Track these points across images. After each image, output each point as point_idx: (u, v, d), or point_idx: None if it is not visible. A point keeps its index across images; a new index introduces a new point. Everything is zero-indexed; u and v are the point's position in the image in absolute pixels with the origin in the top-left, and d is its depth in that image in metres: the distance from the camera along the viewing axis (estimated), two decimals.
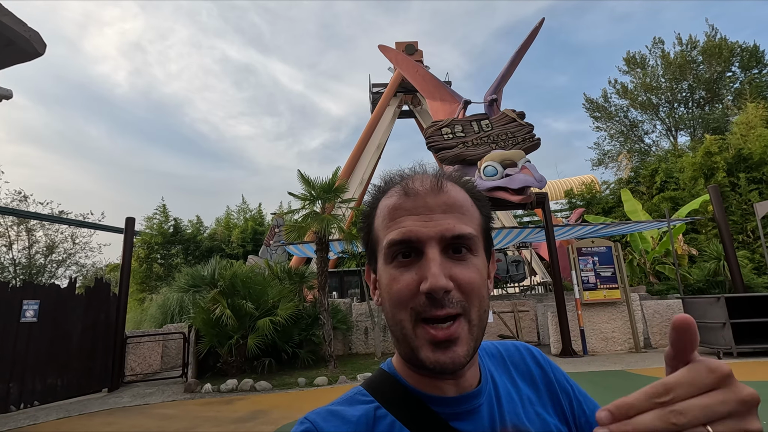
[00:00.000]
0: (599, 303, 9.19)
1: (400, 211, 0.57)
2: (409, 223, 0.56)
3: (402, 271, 0.55)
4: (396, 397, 0.58)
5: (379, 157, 19.63)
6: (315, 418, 0.56)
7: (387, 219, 0.58)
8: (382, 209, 0.60)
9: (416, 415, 0.56)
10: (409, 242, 0.55)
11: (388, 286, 0.56)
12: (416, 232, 0.55)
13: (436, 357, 0.52)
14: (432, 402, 0.57)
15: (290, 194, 9.54)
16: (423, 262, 0.54)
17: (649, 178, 20.22)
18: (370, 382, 0.63)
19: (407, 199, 0.58)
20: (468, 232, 0.56)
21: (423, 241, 0.55)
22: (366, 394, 0.60)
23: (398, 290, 0.54)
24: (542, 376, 0.68)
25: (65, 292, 7.68)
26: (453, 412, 0.57)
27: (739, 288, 9.75)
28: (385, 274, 0.57)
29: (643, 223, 12.45)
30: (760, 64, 26.34)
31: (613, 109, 31.05)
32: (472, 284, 0.54)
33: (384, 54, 17.68)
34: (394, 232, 0.56)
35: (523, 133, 9.20)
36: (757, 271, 13.72)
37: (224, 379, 7.68)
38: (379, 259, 0.59)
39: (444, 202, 0.57)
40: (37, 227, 23.73)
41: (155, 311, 13.34)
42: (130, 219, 9.26)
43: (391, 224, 0.57)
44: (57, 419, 6.00)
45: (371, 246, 0.62)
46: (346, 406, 0.58)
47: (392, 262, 0.56)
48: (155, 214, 22.19)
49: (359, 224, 0.66)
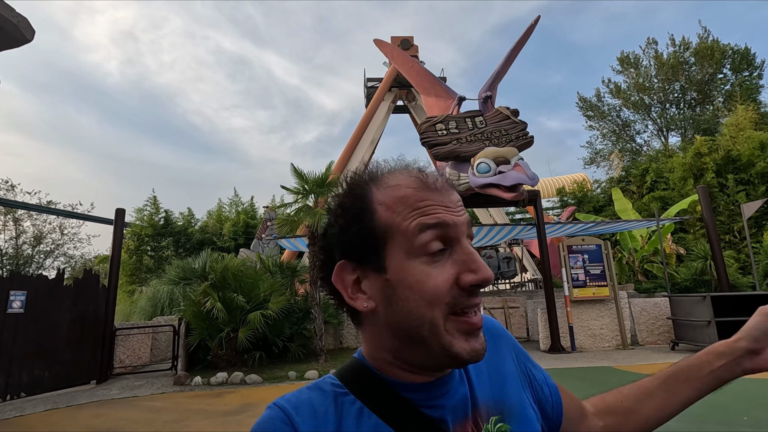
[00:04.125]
0: (588, 300, 9.31)
1: (427, 201, 0.54)
2: (440, 211, 0.54)
3: (435, 266, 0.52)
4: (366, 385, 0.57)
5: (373, 151, 19.59)
6: (284, 404, 0.54)
7: (408, 208, 0.54)
8: (392, 199, 0.55)
9: (386, 401, 0.56)
10: (446, 227, 0.53)
11: (419, 283, 0.52)
12: (452, 218, 0.54)
13: (471, 345, 0.52)
14: (403, 389, 0.56)
15: (283, 188, 9.51)
16: (459, 255, 0.53)
17: (640, 178, 20.45)
18: (342, 370, 0.61)
19: (432, 192, 0.55)
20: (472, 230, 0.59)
21: (459, 229, 0.54)
22: (336, 381, 0.59)
23: (435, 285, 0.51)
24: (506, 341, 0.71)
25: (53, 284, 7.59)
26: (424, 397, 0.56)
27: (724, 287, 9.93)
28: (412, 270, 0.52)
29: (633, 222, 12.60)
30: (751, 66, 26.67)
31: (606, 109, 31.29)
32: None
33: (379, 48, 17.58)
34: (427, 216, 0.53)
35: (517, 131, 9.23)
36: (742, 271, 13.97)
37: (214, 372, 7.66)
38: (395, 255, 0.53)
39: (458, 198, 0.58)
40: (25, 217, 23.42)
41: (145, 303, 13.24)
42: (120, 210, 9.16)
43: (414, 213, 0.53)
44: (44, 411, 5.95)
45: (371, 241, 0.55)
46: (315, 392, 0.57)
47: (422, 256, 0.52)
48: (146, 205, 21.99)
49: (340, 218, 0.58)
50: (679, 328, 8.60)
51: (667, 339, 9.16)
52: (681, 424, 4.06)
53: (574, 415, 0.72)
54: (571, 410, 0.72)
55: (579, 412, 0.73)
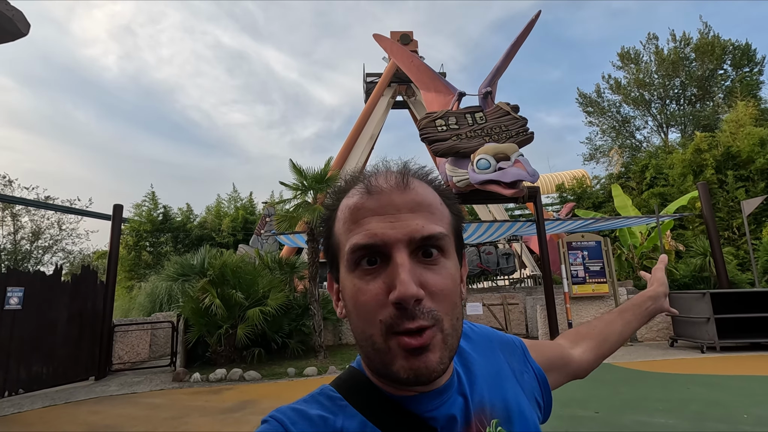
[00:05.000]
0: (587, 297, 9.31)
1: (362, 211, 0.52)
2: (373, 224, 0.51)
3: (367, 280, 0.50)
4: (364, 397, 0.55)
5: (372, 147, 19.52)
6: (281, 417, 0.52)
7: (348, 221, 0.53)
8: (343, 210, 0.55)
9: (386, 414, 0.53)
10: (375, 246, 0.50)
11: (353, 298, 0.51)
12: (382, 235, 0.50)
13: (411, 364, 0.48)
14: (403, 401, 0.54)
15: (282, 184, 9.47)
16: (391, 269, 0.49)
17: (639, 174, 20.42)
18: (339, 380, 0.59)
19: (370, 198, 0.53)
20: (438, 232, 0.51)
21: (390, 245, 0.50)
22: (334, 392, 0.57)
23: (365, 302, 0.49)
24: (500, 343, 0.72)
25: (51, 279, 7.55)
26: (426, 408, 0.54)
27: (724, 284, 9.92)
28: (348, 283, 0.52)
29: (633, 219, 12.58)
30: (751, 62, 26.56)
31: (606, 105, 31.19)
32: (444, 291, 0.50)
33: (379, 43, 17.48)
34: (358, 235, 0.51)
35: (517, 127, 9.18)
36: (741, 267, 13.97)
37: (213, 369, 7.65)
38: (342, 267, 0.54)
39: (411, 199, 0.52)
40: (23, 212, 23.29)
41: (143, 300, 13.21)
42: (118, 206, 9.11)
43: (354, 227, 0.52)
44: (42, 407, 5.93)
45: (332, 252, 0.57)
46: (312, 404, 0.55)
47: (356, 270, 0.51)
48: (144, 201, 21.90)
49: (318, 229, 0.62)
50: (678, 325, 8.60)
51: (666, 336, 9.17)
52: (682, 422, 4.05)
53: (558, 363, 0.80)
54: (557, 361, 0.79)
55: (561, 357, 0.81)
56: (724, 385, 5.46)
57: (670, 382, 5.78)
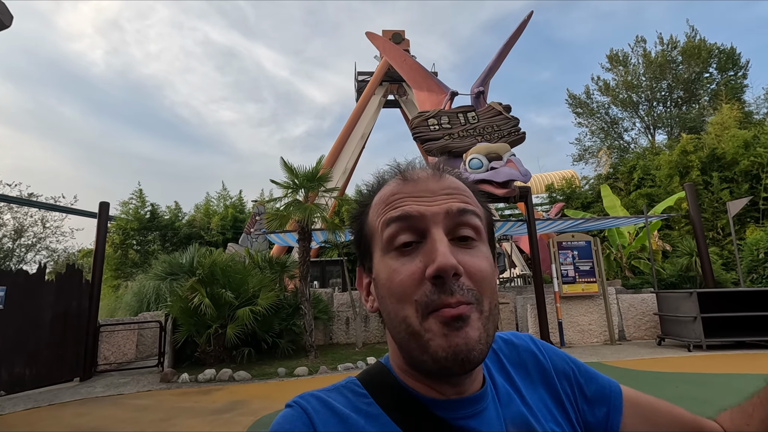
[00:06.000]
0: (577, 296, 9.38)
1: (398, 195, 0.52)
2: (409, 203, 0.51)
3: (403, 261, 0.49)
4: (391, 395, 0.53)
5: (363, 146, 19.47)
6: (305, 404, 0.51)
7: (383, 206, 0.53)
8: (377, 202, 0.55)
9: (413, 416, 0.51)
10: (411, 220, 0.49)
11: (388, 280, 0.50)
12: (418, 209, 0.50)
13: (448, 342, 0.46)
14: (431, 405, 0.52)
15: (273, 182, 9.37)
16: (427, 246, 0.48)
17: (627, 175, 20.69)
18: (366, 375, 0.57)
19: (406, 185, 0.53)
20: (473, 209, 0.52)
21: (427, 218, 0.49)
22: (360, 387, 0.55)
23: (400, 282, 0.48)
24: (536, 365, 0.63)
25: (34, 279, 7.36)
26: (455, 416, 0.51)
27: (709, 283, 10.09)
28: (383, 266, 0.51)
29: (622, 219, 12.74)
30: (736, 66, 27.10)
31: (595, 106, 31.56)
32: (483, 272, 0.49)
33: (371, 41, 17.43)
34: (394, 210, 0.51)
35: (509, 127, 9.22)
36: (725, 267, 14.25)
37: (202, 369, 7.54)
38: (376, 253, 0.53)
39: (447, 186, 0.53)
40: (5, 210, 22.75)
41: (130, 299, 12.99)
42: (104, 203, 8.93)
43: (388, 209, 0.52)
44: (25, 409, 5.78)
45: (364, 244, 0.56)
46: (337, 396, 0.53)
47: (391, 252, 0.50)
48: (131, 199, 21.55)
49: (350, 226, 0.60)
50: (665, 324, 8.72)
51: (653, 334, 9.30)
52: None
53: None
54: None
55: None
56: (712, 384, 5.54)
57: (659, 380, 5.85)
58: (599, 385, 0.62)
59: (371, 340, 10.62)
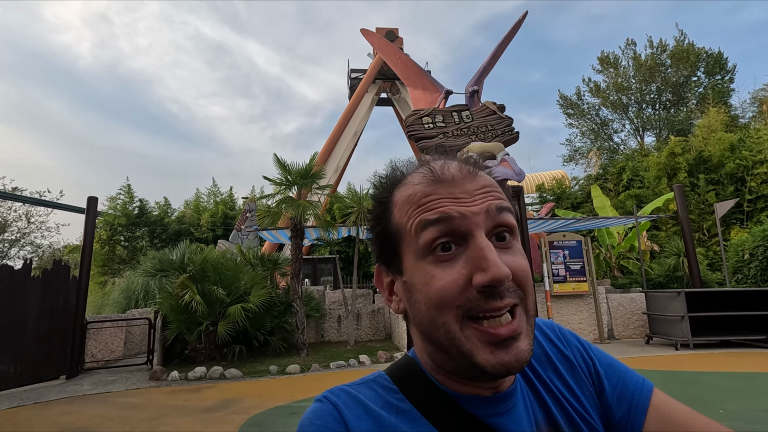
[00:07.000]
0: (568, 295, 9.48)
1: (432, 196, 0.49)
2: (447, 204, 0.48)
3: (443, 266, 0.47)
4: (422, 392, 0.52)
5: (356, 144, 19.40)
6: (335, 399, 0.50)
7: (413, 206, 0.50)
8: (402, 199, 0.52)
9: (445, 413, 0.50)
10: (449, 220, 0.47)
11: (426, 286, 0.47)
12: (458, 209, 0.48)
13: (498, 358, 0.45)
14: (462, 401, 0.51)
15: (265, 179, 9.29)
16: (471, 252, 0.46)
17: (617, 176, 20.93)
18: (395, 369, 0.56)
19: (441, 186, 0.50)
20: (508, 206, 0.51)
21: (469, 220, 0.47)
22: (389, 381, 0.54)
23: (441, 288, 0.46)
24: (561, 358, 0.62)
25: (19, 274, 7.19)
26: (486, 413, 0.50)
27: (696, 283, 10.26)
28: (419, 271, 0.48)
29: (612, 219, 12.89)
30: (723, 70, 27.57)
31: (586, 107, 31.86)
32: (526, 271, 0.49)
33: (366, 38, 17.36)
34: (430, 212, 0.48)
35: (503, 126, 9.25)
36: (711, 268, 14.51)
37: (192, 367, 7.45)
38: (407, 255, 0.50)
39: (482, 184, 0.51)
40: None
41: (118, 296, 12.78)
42: (92, 198, 8.76)
43: (422, 210, 0.49)
44: (10, 408, 5.65)
45: (390, 243, 0.53)
46: (367, 390, 0.52)
47: (428, 256, 0.48)
48: (119, 194, 21.22)
49: (371, 223, 0.57)
50: (653, 323, 8.85)
51: (642, 333, 9.43)
52: None
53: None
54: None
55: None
56: (699, 382, 5.64)
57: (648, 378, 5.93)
58: (626, 382, 0.62)
59: (363, 338, 10.60)
